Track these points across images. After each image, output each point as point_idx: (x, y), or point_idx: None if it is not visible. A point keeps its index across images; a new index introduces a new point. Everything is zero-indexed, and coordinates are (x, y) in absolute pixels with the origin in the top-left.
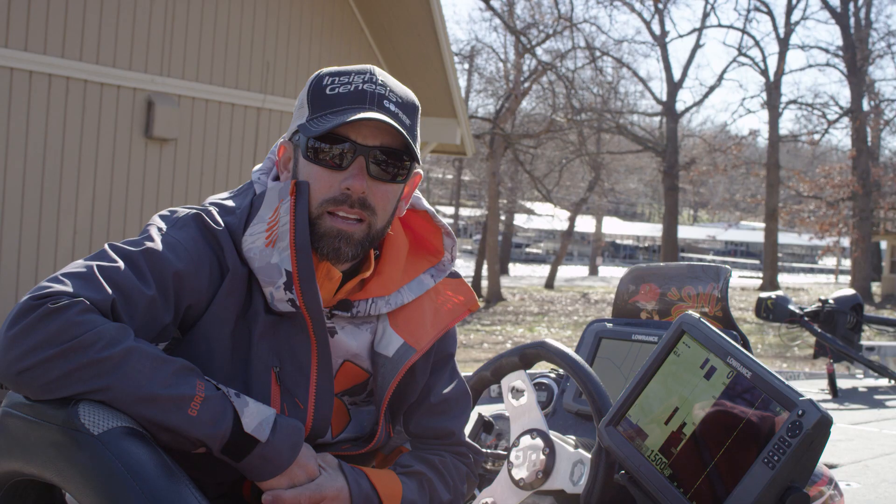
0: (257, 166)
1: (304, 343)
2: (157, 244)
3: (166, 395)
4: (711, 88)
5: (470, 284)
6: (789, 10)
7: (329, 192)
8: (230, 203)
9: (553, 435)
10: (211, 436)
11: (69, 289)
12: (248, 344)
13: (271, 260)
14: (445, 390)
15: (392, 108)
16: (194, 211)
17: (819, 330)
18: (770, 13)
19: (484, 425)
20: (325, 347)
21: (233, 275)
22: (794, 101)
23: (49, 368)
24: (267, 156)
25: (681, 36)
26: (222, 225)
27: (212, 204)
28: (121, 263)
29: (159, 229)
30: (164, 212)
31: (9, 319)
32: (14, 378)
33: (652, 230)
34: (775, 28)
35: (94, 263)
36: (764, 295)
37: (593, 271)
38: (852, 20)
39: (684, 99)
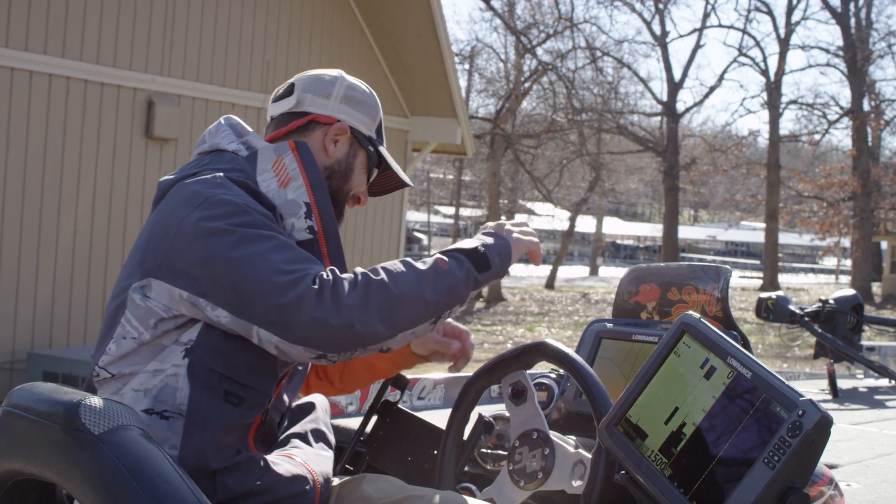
0: (218, 139)
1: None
2: (250, 214)
3: (426, 271)
4: (712, 88)
5: None
6: (790, 10)
7: (357, 190)
8: (227, 166)
9: (553, 435)
10: (466, 270)
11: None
12: None
13: (287, 197)
14: None
15: None
16: (220, 174)
17: (819, 330)
18: (770, 13)
19: (484, 425)
20: (339, 264)
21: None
22: (794, 102)
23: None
24: (222, 124)
25: (681, 36)
26: (244, 180)
27: (216, 172)
28: (279, 238)
29: (230, 202)
30: (212, 194)
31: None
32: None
33: (652, 230)
34: (776, 28)
35: (285, 255)
36: (764, 295)
37: (594, 271)
38: (853, 20)
39: (685, 99)
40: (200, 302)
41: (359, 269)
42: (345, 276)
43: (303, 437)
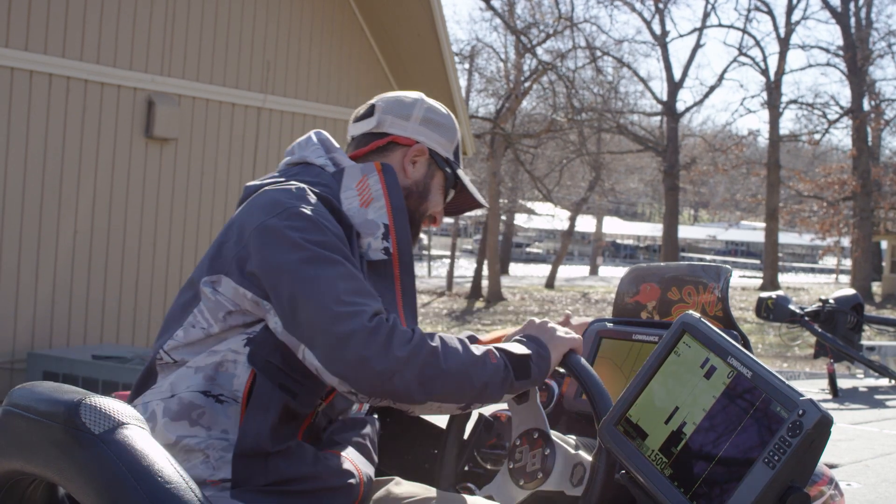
0: (307, 153)
1: (390, 285)
2: (324, 233)
3: (478, 357)
4: (712, 88)
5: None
6: (790, 9)
7: (433, 210)
8: (314, 179)
9: (553, 435)
10: (507, 373)
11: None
12: None
13: (367, 217)
14: None
15: None
16: (303, 186)
17: (819, 330)
18: (770, 13)
19: (484, 425)
20: (409, 287)
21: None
22: (794, 101)
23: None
24: (312, 139)
25: (681, 36)
26: (326, 195)
27: (298, 183)
28: (346, 266)
29: (307, 217)
30: (291, 205)
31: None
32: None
33: (652, 230)
34: (776, 28)
35: (348, 285)
36: (764, 295)
37: (594, 271)
38: (853, 20)
39: (685, 99)
40: (264, 304)
41: (419, 329)
42: (403, 328)
43: (350, 441)
